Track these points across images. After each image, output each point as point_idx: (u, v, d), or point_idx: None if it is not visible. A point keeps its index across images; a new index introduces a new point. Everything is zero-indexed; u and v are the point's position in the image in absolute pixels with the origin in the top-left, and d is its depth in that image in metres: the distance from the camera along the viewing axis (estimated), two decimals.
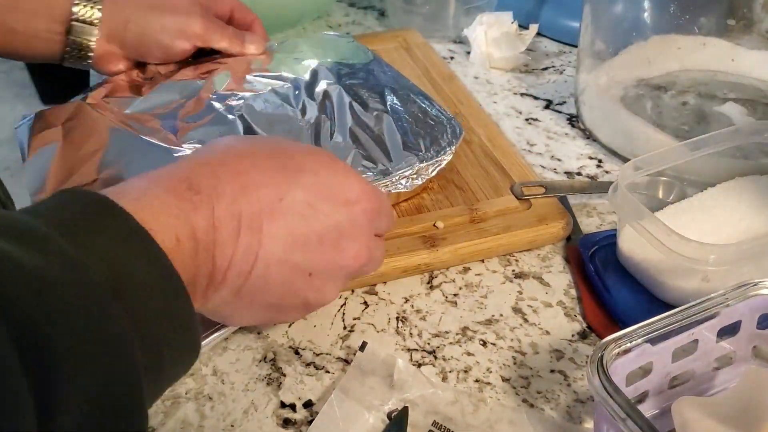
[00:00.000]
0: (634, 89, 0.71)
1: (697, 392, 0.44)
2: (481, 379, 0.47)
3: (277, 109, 0.57)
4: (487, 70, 0.82)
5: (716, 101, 0.68)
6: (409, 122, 0.58)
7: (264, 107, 0.57)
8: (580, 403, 0.45)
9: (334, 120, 0.57)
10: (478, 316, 0.51)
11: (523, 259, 0.56)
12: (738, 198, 0.54)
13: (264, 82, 0.60)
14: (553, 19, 0.87)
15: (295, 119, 0.57)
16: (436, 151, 0.57)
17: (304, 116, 0.57)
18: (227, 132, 0.55)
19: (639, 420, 0.35)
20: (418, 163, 0.56)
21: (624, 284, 0.51)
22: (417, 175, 0.56)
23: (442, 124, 0.60)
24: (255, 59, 0.63)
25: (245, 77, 0.60)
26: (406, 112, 0.59)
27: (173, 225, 0.34)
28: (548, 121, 0.73)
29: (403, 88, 0.62)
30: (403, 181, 0.56)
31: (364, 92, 0.60)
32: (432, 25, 0.88)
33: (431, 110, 0.61)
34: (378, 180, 0.54)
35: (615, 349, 0.39)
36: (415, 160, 0.56)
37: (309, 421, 0.44)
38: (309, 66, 0.62)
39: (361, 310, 0.52)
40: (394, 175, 0.55)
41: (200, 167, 0.37)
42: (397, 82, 0.63)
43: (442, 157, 0.57)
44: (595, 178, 0.65)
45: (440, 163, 0.57)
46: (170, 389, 0.46)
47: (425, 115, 0.60)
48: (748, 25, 0.69)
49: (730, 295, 0.42)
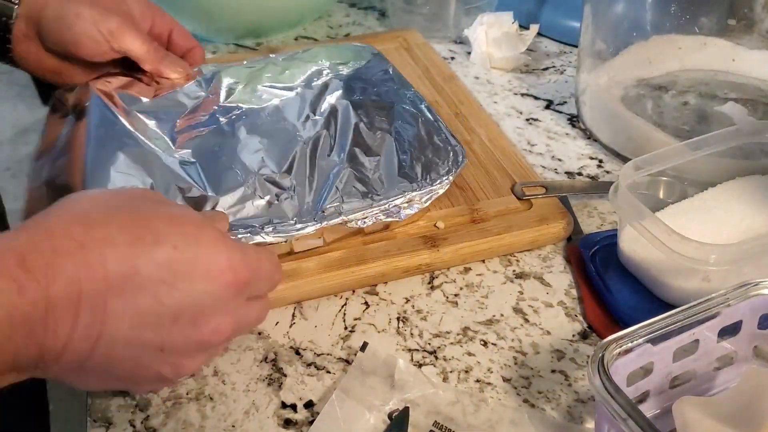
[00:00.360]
0: (634, 89, 0.71)
1: (698, 392, 0.44)
2: (482, 380, 0.47)
3: (278, 123, 0.58)
4: (487, 71, 0.82)
5: (717, 101, 0.68)
6: (413, 146, 0.57)
7: (265, 121, 0.58)
8: (581, 403, 0.45)
9: (336, 137, 0.56)
10: (479, 317, 0.51)
11: (524, 259, 0.56)
12: (739, 198, 0.54)
13: (273, 92, 0.61)
14: (553, 19, 0.87)
15: (294, 134, 0.57)
16: (431, 180, 0.55)
17: (304, 130, 0.57)
18: (222, 143, 0.55)
19: (640, 420, 0.35)
20: (410, 192, 0.54)
21: (625, 284, 0.51)
22: (409, 204, 0.54)
23: (446, 150, 0.57)
24: (275, 68, 0.64)
25: (256, 87, 0.61)
26: (412, 135, 0.58)
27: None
28: (549, 121, 0.73)
29: (415, 108, 0.61)
30: (394, 209, 0.54)
31: (373, 110, 0.59)
32: (432, 25, 0.88)
33: (438, 135, 0.58)
34: (366, 206, 0.53)
35: (616, 349, 0.39)
36: (408, 188, 0.54)
37: (310, 421, 0.44)
38: (322, 78, 0.62)
39: (362, 310, 0.52)
40: (385, 202, 0.53)
41: (40, 239, 0.34)
42: (412, 100, 0.62)
43: (437, 186, 0.55)
44: (595, 178, 0.65)
45: (434, 193, 0.55)
46: (171, 390, 0.46)
47: (430, 139, 0.58)
48: (749, 24, 0.69)
49: (730, 295, 0.42)
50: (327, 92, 0.60)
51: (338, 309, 0.52)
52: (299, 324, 0.51)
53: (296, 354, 0.49)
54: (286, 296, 0.51)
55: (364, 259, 0.53)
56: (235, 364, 0.48)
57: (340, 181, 0.53)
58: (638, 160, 0.51)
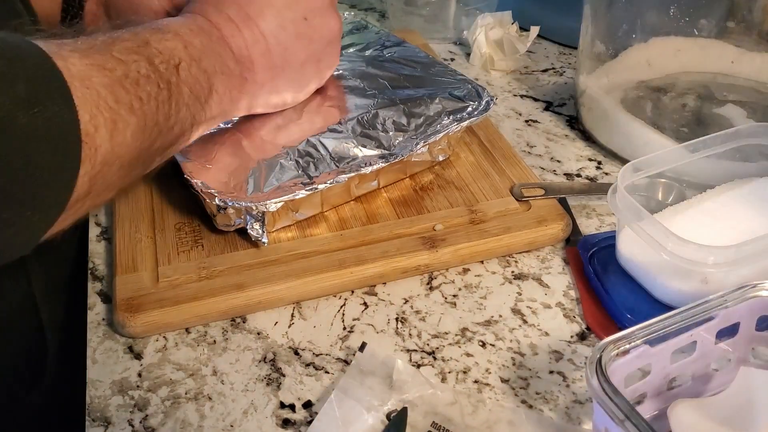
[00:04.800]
0: (633, 91, 0.71)
1: (696, 394, 0.44)
2: (480, 380, 0.47)
3: None
4: (487, 72, 0.82)
5: (716, 103, 0.69)
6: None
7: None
8: (578, 404, 0.45)
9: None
10: (477, 317, 0.51)
11: (522, 260, 0.56)
12: (737, 200, 0.54)
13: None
14: (553, 21, 0.87)
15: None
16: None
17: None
18: None
19: (638, 421, 0.35)
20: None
21: (623, 286, 0.51)
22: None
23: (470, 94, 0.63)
24: None
25: None
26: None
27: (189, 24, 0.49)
28: (548, 122, 0.73)
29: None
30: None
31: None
32: (432, 26, 0.88)
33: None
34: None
35: (614, 351, 0.39)
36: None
37: (308, 421, 0.44)
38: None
39: (360, 310, 0.52)
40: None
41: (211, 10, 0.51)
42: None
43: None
44: (594, 180, 0.65)
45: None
46: (170, 389, 0.46)
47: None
48: (748, 27, 0.70)
49: (729, 296, 0.42)
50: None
51: (337, 309, 0.52)
52: (298, 324, 0.51)
53: (295, 354, 0.49)
54: (285, 296, 0.52)
55: (363, 260, 0.53)
56: (233, 364, 0.48)
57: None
58: (637, 161, 0.52)
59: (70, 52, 0.37)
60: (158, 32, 0.45)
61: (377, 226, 0.56)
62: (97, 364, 0.48)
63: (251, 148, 0.54)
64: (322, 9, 0.55)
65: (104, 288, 0.54)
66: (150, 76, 0.41)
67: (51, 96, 0.34)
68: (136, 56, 0.41)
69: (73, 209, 0.38)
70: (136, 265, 0.52)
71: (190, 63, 0.45)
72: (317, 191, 0.53)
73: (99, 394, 0.46)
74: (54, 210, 0.36)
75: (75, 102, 0.35)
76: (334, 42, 0.58)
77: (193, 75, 0.46)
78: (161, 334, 0.50)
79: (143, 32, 0.44)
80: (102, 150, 0.37)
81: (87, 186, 0.37)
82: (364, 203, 0.58)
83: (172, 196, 0.58)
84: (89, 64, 0.38)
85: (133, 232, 0.55)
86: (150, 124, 0.41)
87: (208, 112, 0.48)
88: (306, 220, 0.56)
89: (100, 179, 0.38)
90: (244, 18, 0.51)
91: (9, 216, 0.33)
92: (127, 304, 0.49)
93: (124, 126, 0.38)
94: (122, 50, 0.41)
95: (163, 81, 0.43)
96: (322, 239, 0.55)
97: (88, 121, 0.36)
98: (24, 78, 0.33)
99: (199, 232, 0.55)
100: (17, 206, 0.34)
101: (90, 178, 0.37)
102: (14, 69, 0.33)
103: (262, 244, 0.53)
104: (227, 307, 0.50)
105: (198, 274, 0.52)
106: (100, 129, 0.37)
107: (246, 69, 0.51)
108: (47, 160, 0.34)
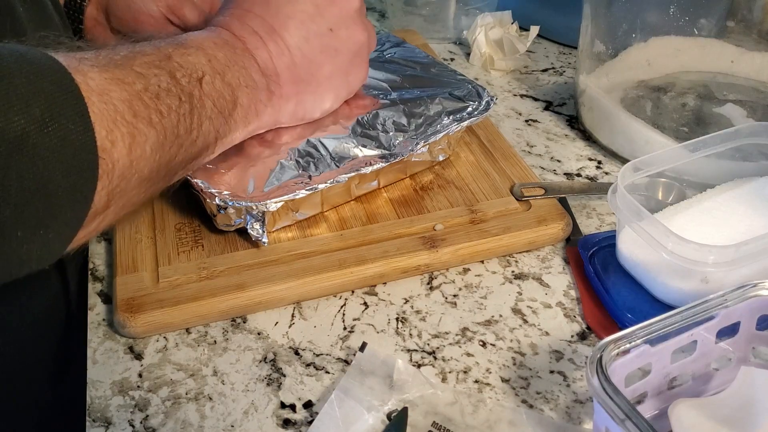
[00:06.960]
0: (633, 91, 0.71)
1: (696, 393, 0.44)
2: (480, 380, 0.47)
3: None
4: (487, 72, 0.82)
5: (716, 103, 0.69)
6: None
7: None
8: (579, 404, 0.45)
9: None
10: (477, 317, 0.51)
11: (522, 260, 0.56)
12: (737, 199, 0.54)
13: None
14: (553, 21, 0.87)
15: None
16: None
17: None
18: None
19: (638, 421, 0.35)
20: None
21: (623, 285, 0.51)
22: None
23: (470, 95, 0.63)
24: None
25: None
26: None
27: (213, 38, 0.48)
28: (548, 122, 0.73)
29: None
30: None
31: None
32: (432, 26, 0.88)
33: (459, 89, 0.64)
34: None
35: (614, 350, 0.39)
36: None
37: (309, 421, 0.44)
38: None
39: (361, 310, 0.52)
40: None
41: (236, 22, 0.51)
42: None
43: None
44: (594, 180, 0.65)
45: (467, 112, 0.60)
46: (171, 390, 0.46)
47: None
48: (748, 26, 0.70)
49: (729, 296, 0.42)
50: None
51: (337, 309, 0.52)
52: (298, 324, 0.51)
53: (295, 354, 0.49)
54: (286, 296, 0.52)
55: (363, 260, 0.53)
56: (234, 364, 0.48)
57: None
58: (637, 161, 0.52)
59: (90, 67, 0.37)
60: (181, 46, 0.45)
61: (377, 226, 0.56)
62: (98, 364, 0.48)
63: (251, 148, 0.54)
64: (348, 20, 0.54)
65: (104, 288, 0.54)
66: (171, 90, 0.41)
67: (67, 114, 0.34)
68: (157, 70, 0.41)
69: (93, 223, 0.38)
70: (137, 266, 0.52)
71: (213, 76, 0.45)
72: (317, 191, 0.53)
73: (99, 395, 0.46)
74: (71, 227, 0.36)
75: (92, 118, 0.35)
76: (362, 53, 0.56)
77: (216, 88, 0.45)
78: (162, 335, 0.50)
79: (166, 47, 0.44)
80: (120, 164, 0.37)
81: (105, 200, 0.37)
82: (364, 203, 0.58)
83: (172, 197, 0.58)
84: (108, 78, 0.38)
85: (133, 233, 0.55)
86: (171, 138, 0.41)
87: (232, 126, 0.48)
88: (306, 220, 0.56)
89: (118, 193, 0.38)
90: (269, 30, 0.50)
91: (25, 235, 0.33)
92: (127, 304, 0.49)
93: (142, 140, 0.38)
94: (143, 64, 0.41)
95: (184, 94, 0.42)
96: (323, 239, 0.55)
97: (105, 136, 0.36)
98: (42, 95, 0.33)
99: (200, 232, 0.55)
100: (33, 225, 0.34)
101: (108, 193, 0.37)
102: (33, 86, 0.33)
103: (262, 244, 0.53)
104: (227, 307, 0.50)
105: (198, 275, 0.52)
106: (117, 144, 0.36)
107: (272, 82, 0.50)
108: (62, 179, 0.34)
